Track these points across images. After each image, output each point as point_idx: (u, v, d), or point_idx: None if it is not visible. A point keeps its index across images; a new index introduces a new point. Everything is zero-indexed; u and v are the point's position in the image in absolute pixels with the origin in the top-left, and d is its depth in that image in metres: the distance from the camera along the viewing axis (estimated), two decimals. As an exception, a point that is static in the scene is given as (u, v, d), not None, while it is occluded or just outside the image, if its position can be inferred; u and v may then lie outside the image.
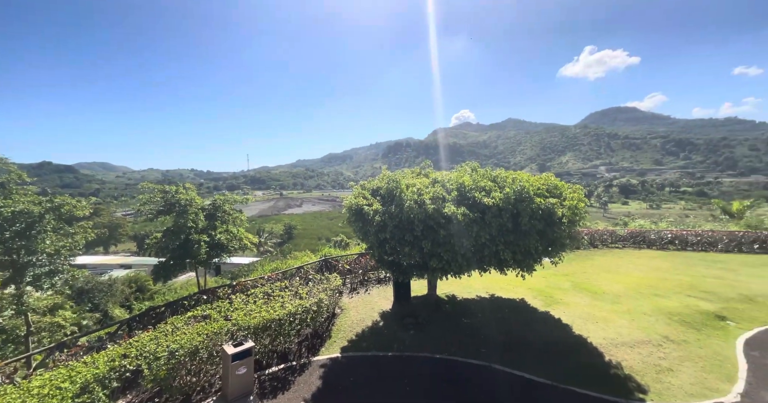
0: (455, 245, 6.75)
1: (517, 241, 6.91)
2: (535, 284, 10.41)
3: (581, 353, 6.63)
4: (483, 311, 8.84)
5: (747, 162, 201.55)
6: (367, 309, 9.34)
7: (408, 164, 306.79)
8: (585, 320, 8.06)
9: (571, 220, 7.00)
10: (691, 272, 11.66)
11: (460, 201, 7.09)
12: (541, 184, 7.54)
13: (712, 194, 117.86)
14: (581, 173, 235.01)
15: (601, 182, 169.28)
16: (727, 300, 8.94)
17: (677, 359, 6.29)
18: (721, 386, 5.46)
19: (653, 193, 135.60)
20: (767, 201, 48.76)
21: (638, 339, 7.03)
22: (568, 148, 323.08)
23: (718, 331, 7.37)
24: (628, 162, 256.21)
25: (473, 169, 8.59)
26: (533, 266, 7.40)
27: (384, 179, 7.92)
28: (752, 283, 10.25)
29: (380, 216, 6.89)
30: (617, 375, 5.88)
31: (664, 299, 9.05)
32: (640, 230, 17.00)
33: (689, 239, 15.48)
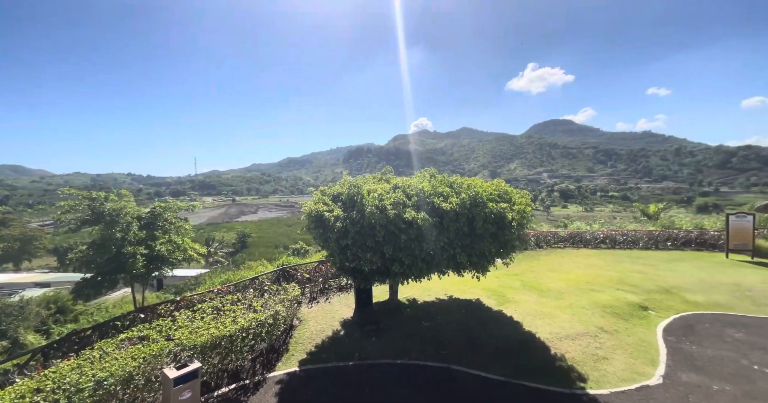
0: (416, 249, 6.89)
1: (472, 244, 7.27)
2: (489, 285, 10.95)
3: (531, 349, 7.08)
4: (442, 313, 9.06)
5: (659, 170, 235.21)
6: (328, 318, 9.07)
7: (369, 170, 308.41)
8: (533, 316, 8.64)
9: (520, 223, 7.55)
10: (620, 267, 13.14)
11: (419, 206, 7.26)
12: (493, 189, 8.00)
13: (634, 198, 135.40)
14: (527, 179, 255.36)
15: (544, 188, 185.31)
16: (649, 292, 10.20)
17: (611, 347, 7.00)
18: (646, 370, 6.17)
19: (587, 198, 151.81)
20: (676, 204, 57.84)
21: (579, 332, 7.70)
22: (516, 156, 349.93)
23: (642, 320, 8.36)
24: (566, 169, 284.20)
25: (432, 175, 8.87)
26: (487, 268, 7.84)
27: (345, 185, 7.83)
28: (668, 276, 11.84)
29: (341, 222, 6.77)
30: (562, 367, 6.36)
31: (599, 294, 10.05)
32: (577, 231, 18.79)
33: (617, 239, 17.47)
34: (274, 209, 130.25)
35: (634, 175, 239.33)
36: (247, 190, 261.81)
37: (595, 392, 5.57)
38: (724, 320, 8.15)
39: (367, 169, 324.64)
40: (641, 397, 5.41)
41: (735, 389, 5.51)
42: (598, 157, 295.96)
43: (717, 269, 12.70)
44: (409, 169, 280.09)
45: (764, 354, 6.55)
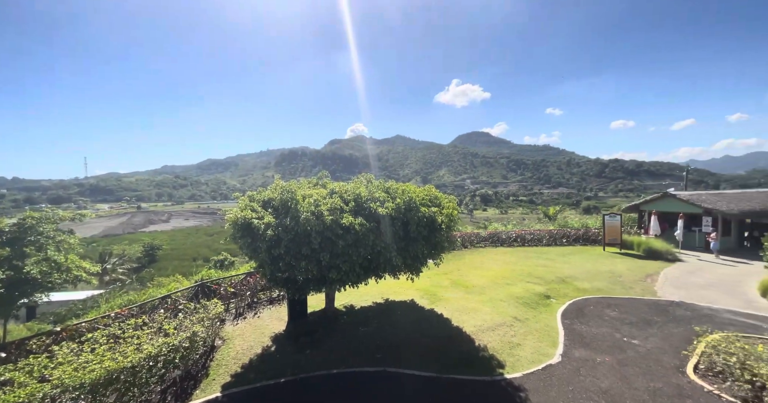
0: (353, 255, 6.84)
1: (407, 247, 7.56)
2: (422, 285, 11.50)
3: (458, 342, 7.63)
4: (379, 317, 9.16)
5: (556, 178, 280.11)
6: (257, 335, 8.37)
7: (305, 174, 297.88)
8: (461, 312, 9.34)
9: (449, 225, 8.15)
10: (528, 262, 15.14)
11: (357, 211, 7.26)
12: (425, 195, 8.48)
13: (538, 202, 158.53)
14: (454, 185, 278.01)
15: (467, 193, 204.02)
16: (550, 282, 11.95)
17: (523, 334, 7.97)
18: (550, 351, 7.17)
19: (503, 202, 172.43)
20: (568, 206, 70.01)
21: (497, 322, 8.59)
22: (444, 163, 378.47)
23: (546, 307, 9.74)
24: (485, 176, 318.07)
25: (368, 180, 8.97)
26: (421, 269, 8.23)
27: (277, 190, 7.38)
28: (564, 268, 14.05)
29: (273, 230, 6.34)
30: (484, 356, 7.00)
31: (513, 287, 11.39)
32: (495, 232, 21.09)
33: (526, 237, 20.14)
34: (191, 217, 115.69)
35: (537, 182, 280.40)
36: (157, 195, 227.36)
37: (511, 377, 6.26)
38: (604, 303, 10.01)
39: (302, 174, 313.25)
40: (546, 375, 6.27)
41: (612, 359, 6.79)
42: (510, 166, 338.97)
43: (597, 260, 15.59)
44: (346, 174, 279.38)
45: (631, 328, 8.22)
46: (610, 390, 5.73)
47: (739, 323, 8.25)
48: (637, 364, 6.53)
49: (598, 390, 5.74)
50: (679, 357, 6.71)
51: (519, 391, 5.83)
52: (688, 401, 5.38)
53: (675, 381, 5.92)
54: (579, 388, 5.84)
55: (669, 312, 9.11)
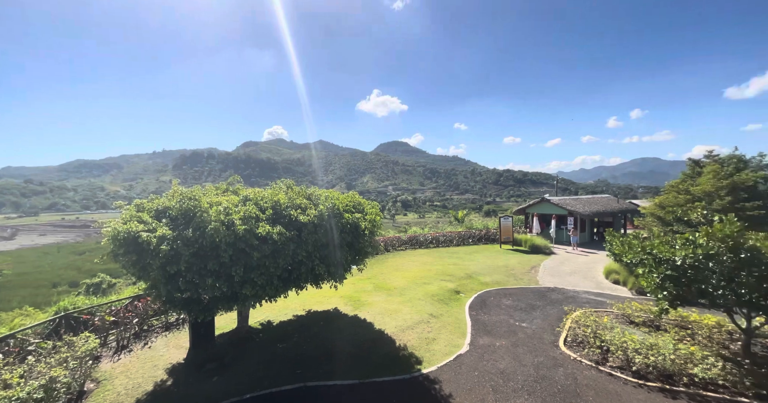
0: (271, 266, 6.41)
1: (330, 254, 7.44)
2: (346, 292, 11.44)
3: (380, 345, 7.82)
4: (300, 330, 8.72)
5: (464, 185, 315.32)
6: (147, 368, 7.02)
7: (212, 179, 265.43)
8: (383, 314, 9.61)
9: (371, 231, 8.36)
10: (442, 262, 16.57)
11: (275, 220, 6.84)
12: (349, 201, 8.52)
13: (449, 206, 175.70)
14: (377, 191, 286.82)
15: (390, 199, 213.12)
16: (460, 279, 13.30)
17: (438, 329, 8.65)
18: (460, 342, 7.96)
19: (420, 207, 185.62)
20: (473, 210, 79.74)
21: (416, 321, 9.12)
22: (367, 170, 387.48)
23: (456, 302, 10.78)
24: (405, 183, 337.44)
25: (288, 186, 8.56)
26: (344, 276, 8.17)
27: (176, 197, 6.39)
28: (471, 265, 15.82)
29: (169, 244, 5.46)
30: (404, 355, 7.34)
31: (429, 285, 12.30)
32: (415, 235, 22.47)
33: (440, 239, 22.04)
34: (51, 232, 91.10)
35: (449, 188, 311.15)
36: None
37: (427, 371, 6.71)
38: (501, 293, 11.62)
39: (209, 179, 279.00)
40: (456, 364, 6.93)
41: (507, 342, 7.91)
42: (426, 174, 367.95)
43: (496, 256, 18.05)
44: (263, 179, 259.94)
45: (521, 313, 9.73)
46: (506, 369, 6.65)
47: (593, 301, 10.60)
48: (526, 344, 7.76)
49: (497, 371, 6.60)
50: (554, 333, 8.22)
51: (434, 383, 6.28)
52: (560, 369, 6.63)
53: (551, 354, 7.23)
54: (482, 371, 6.62)
55: (547, 297, 11.12)
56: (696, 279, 6.27)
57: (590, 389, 5.94)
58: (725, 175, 14.44)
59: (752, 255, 5.78)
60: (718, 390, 5.71)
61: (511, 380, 6.27)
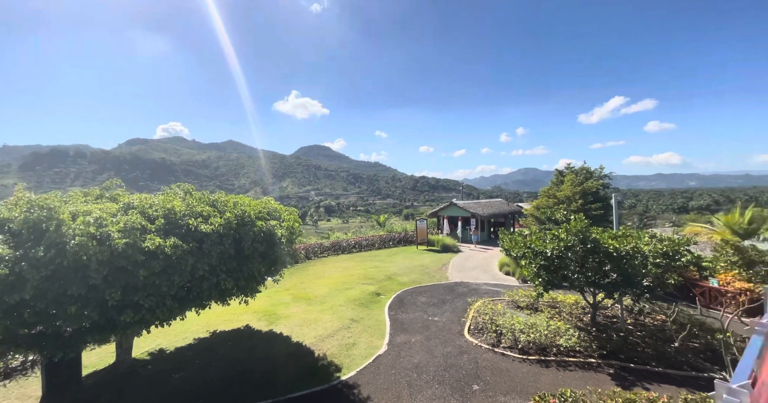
0: (163, 285, 5.50)
1: (240, 267, 6.82)
2: (259, 306, 10.59)
3: (298, 358, 7.49)
4: (202, 355, 7.69)
5: (385, 190, 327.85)
6: (-30, 439, 5.20)
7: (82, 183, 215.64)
8: (302, 326, 9.22)
9: (289, 239, 7.97)
10: (364, 266, 16.83)
11: (169, 231, 5.92)
12: (262, 207, 7.96)
13: (372, 211, 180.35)
14: (298, 197, 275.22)
15: (312, 204, 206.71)
16: (380, 281, 13.73)
17: (358, 333, 8.73)
18: (379, 343, 8.20)
19: (344, 212, 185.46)
20: (394, 214, 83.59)
21: (337, 328, 9.04)
22: (287, 174, 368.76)
23: (377, 304, 11.08)
24: (328, 188, 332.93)
25: (187, 192, 7.54)
26: (257, 289, 7.58)
27: (20, 206, 4.95)
28: (391, 267, 16.48)
29: (7, 267, 4.20)
30: (324, 365, 7.18)
31: (351, 290, 12.34)
32: (337, 241, 22.30)
33: (363, 243, 22.39)
34: None
35: (372, 194, 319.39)
36: None
37: (346, 377, 6.71)
38: (417, 291, 12.43)
39: (78, 182, 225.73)
40: (375, 366, 7.12)
41: (422, 337, 8.49)
42: (350, 179, 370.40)
43: (413, 256, 19.25)
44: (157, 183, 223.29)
45: (434, 308, 10.56)
46: (420, 363, 7.13)
47: (491, 291, 12.22)
48: (437, 336, 8.46)
49: (412, 366, 7.02)
50: (461, 324, 9.18)
51: (353, 388, 6.31)
52: (465, 355, 7.44)
53: (458, 343, 8.06)
54: (399, 368, 6.95)
55: (455, 290, 12.37)
56: (560, 266, 7.86)
57: (488, 369, 6.82)
58: (578, 183, 18.58)
59: (595, 245, 7.56)
60: (576, 355, 7.23)
61: (424, 373, 6.74)
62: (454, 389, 6.14)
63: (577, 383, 6.17)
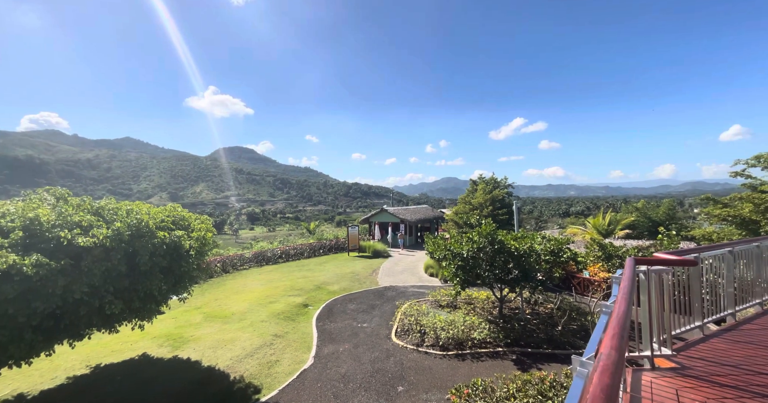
0: (19, 315, 4.37)
1: (134, 286, 5.82)
2: (161, 330, 9.14)
3: (209, 384, 6.65)
4: (77, 397, 6.22)
5: (317, 196, 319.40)
6: None
7: None
8: (215, 348, 8.23)
9: (200, 251, 7.10)
10: (291, 276, 15.98)
11: (30, 245, 4.73)
12: (166, 215, 6.98)
13: (302, 218, 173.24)
14: (215, 203, 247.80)
15: (232, 211, 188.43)
16: (309, 291, 13.19)
17: (282, 349, 8.19)
18: (305, 357, 7.82)
19: (270, 219, 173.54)
20: (325, 221, 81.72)
21: (257, 346, 8.33)
22: (201, 178, 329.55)
23: (304, 316, 10.59)
24: (252, 194, 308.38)
25: (60, 197, 6.14)
26: (157, 310, 6.54)
27: None
28: (320, 276, 15.99)
29: None
30: (240, 388, 6.52)
31: (276, 304, 11.55)
32: (261, 251, 20.71)
33: (290, 252, 21.26)
34: None
35: (302, 200, 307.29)
36: None
37: (267, 398, 6.21)
38: (347, 299, 12.30)
39: None
40: (300, 381, 6.76)
41: (350, 345, 8.40)
42: (277, 185, 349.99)
43: (344, 264, 19.06)
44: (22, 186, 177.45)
45: (363, 314, 10.58)
46: (347, 373, 7.03)
47: (417, 293, 12.84)
48: (366, 343, 8.48)
49: (339, 377, 6.88)
50: (388, 327, 9.39)
51: (275, 409, 5.87)
52: (391, 358, 7.62)
53: (386, 347, 8.21)
54: (326, 380, 6.74)
55: (384, 295, 12.64)
56: (474, 266, 8.73)
57: (412, 369, 7.10)
58: (488, 191, 21.13)
59: (501, 246, 8.61)
60: (487, 346, 8.06)
61: (351, 382, 6.66)
62: (380, 394, 6.21)
63: (488, 372, 6.87)
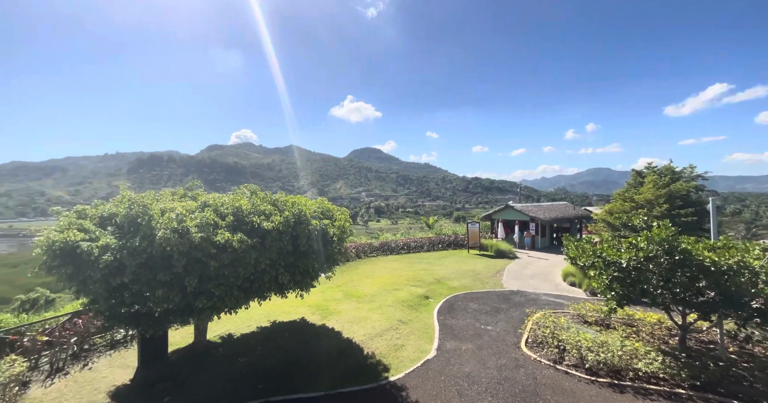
0: (231, 276, 6.10)
1: (296, 262, 7.23)
2: (313, 301, 11.14)
3: (348, 354, 7.67)
4: (263, 343, 8.32)
5: (435, 192, 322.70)
6: (86, 392, 6.32)
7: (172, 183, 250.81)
8: (352, 323, 9.45)
9: (340, 237, 8.25)
10: (413, 268, 16.70)
11: (236, 227, 6.55)
12: (317, 207, 8.38)
13: (421, 213, 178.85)
14: (350, 198, 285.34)
15: (363, 205, 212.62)
16: (429, 284, 13.47)
17: (406, 335, 8.65)
18: (428, 347, 8.01)
19: (393, 213, 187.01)
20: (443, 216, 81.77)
21: (385, 327, 9.07)
22: (340, 176, 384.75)
23: (426, 307, 10.88)
24: (379, 190, 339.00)
25: (252, 192, 8.27)
26: (311, 284, 7.97)
27: (123, 203, 5.92)
28: (440, 270, 16.09)
29: (113, 254, 5.02)
30: (372, 363, 7.24)
31: (399, 291, 12.31)
32: (386, 241, 22.50)
33: (411, 245, 22.26)
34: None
35: (421, 195, 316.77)
36: None
37: (395, 378, 6.66)
38: (468, 297, 11.90)
39: (169, 183, 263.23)
40: (424, 370, 6.96)
41: (473, 345, 8.08)
42: (399, 181, 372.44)
43: (464, 261, 18.53)
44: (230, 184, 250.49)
45: (486, 316, 10.01)
46: (471, 373, 6.78)
47: (552, 303, 11.17)
48: (490, 346, 7.98)
49: (462, 375, 6.71)
50: (517, 335, 8.54)
51: (401, 390, 6.25)
52: (521, 369, 6.88)
53: (513, 355, 7.49)
54: (449, 376, 6.69)
55: (511, 299, 11.56)
56: (639, 280, 6.84)
57: (548, 387, 6.21)
58: (663, 185, 16.03)
59: (684, 257, 6.42)
60: (659, 383, 6.21)
61: (476, 383, 6.39)
62: (510, 405, 5.71)
63: (662, 417, 5.28)
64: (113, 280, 4.98)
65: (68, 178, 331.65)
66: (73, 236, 4.99)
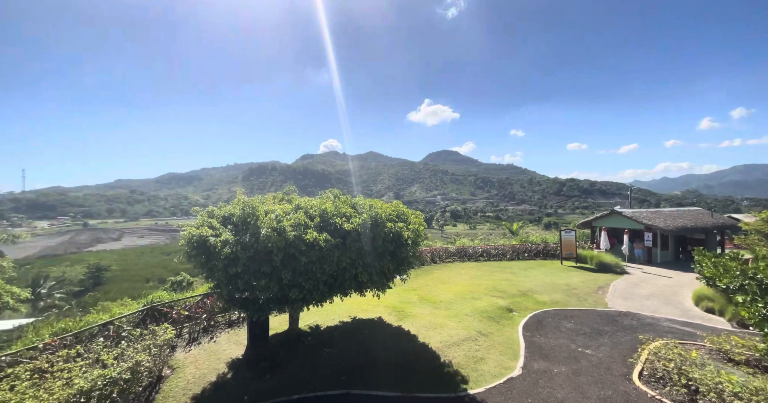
0: (317, 272, 6.72)
1: (373, 263, 7.54)
2: (389, 302, 11.42)
3: (424, 359, 7.60)
4: (345, 337, 8.91)
5: (519, 195, 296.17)
6: (212, 361, 7.78)
7: (274, 189, 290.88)
8: (428, 328, 9.35)
9: (415, 241, 8.29)
10: (493, 277, 15.62)
11: (322, 227, 7.20)
12: (392, 210, 8.62)
13: (503, 218, 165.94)
14: (425, 201, 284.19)
15: (438, 209, 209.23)
16: (513, 296, 12.38)
17: (486, 348, 8.11)
18: (511, 364, 7.35)
19: (471, 218, 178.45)
20: (530, 222, 74.17)
21: (463, 337, 8.69)
22: (416, 180, 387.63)
23: (508, 321, 10.03)
24: (455, 193, 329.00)
25: (335, 196, 8.99)
26: (387, 285, 8.20)
27: (238, 205, 7.15)
28: (525, 281, 14.66)
29: (231, 247, 6.09)
30: (449, 372, 7.01)
31: (478, 301, 11.66)
32: (463, 247, 21.64)
33: (491, 252, 20.87)
34: (147, 234, 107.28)
35: (503, 199, 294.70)
36: (107, 211, 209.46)
37: (474, 392, 6.30)
38: (561, 314, 10.52)
39: (272, 188, 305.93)
40: (507, 388, 6.40)
41: (568, 369, 7.08)
42: (478, 184, 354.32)
43: (555, 273, 16.46)
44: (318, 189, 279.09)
45: (585, 338, 8.68)
46: (565, 400, 5.94)
47: (677, 331, 9.02)
48: (590, 373, 6.86)
49: (554, 401, 5.93)
50: (626, 365, 7.15)
51: (481, 406, 5.88)
52: (633, 406, 5.72)
53: (623, 388, 6.28)
54: (537, 399, 6.00)
55: (618, 322, 9.76)
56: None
57: (673, 436, 5.01)
58: None
59: None
60: None
61: (571, 414, 5.58)
62: (616, 448, 4.80)
63: None
64: (230, 269, 6.07)
65: (203, 185, 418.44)
66: (205, 232, 6.27)
